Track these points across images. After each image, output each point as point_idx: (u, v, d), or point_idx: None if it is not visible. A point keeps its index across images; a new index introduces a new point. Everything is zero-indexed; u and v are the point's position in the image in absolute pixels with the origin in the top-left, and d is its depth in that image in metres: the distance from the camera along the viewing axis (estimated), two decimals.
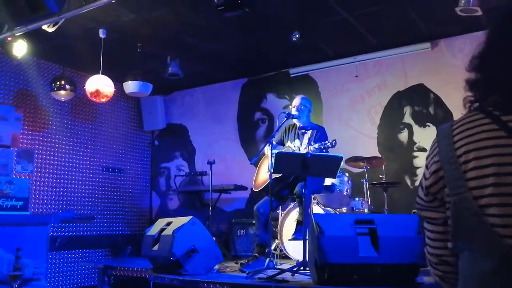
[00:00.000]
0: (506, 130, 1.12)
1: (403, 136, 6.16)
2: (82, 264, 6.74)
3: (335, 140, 4.46)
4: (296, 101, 5.09)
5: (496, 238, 1.07)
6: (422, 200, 1.33)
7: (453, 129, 1.22)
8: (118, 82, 6.30)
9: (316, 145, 4.57)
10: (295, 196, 4.78)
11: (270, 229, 4.90)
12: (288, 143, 5.08)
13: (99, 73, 5.81)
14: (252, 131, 7.42)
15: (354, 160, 5.59)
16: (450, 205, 1.19)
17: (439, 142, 1.25)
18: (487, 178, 1.11)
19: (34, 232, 4.71)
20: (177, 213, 7.42)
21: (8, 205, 4.68)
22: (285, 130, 5.18)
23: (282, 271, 3.87)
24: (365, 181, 5.50)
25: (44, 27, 4.81)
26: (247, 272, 4.14)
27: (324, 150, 4.51)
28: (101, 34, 5.55)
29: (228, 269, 4.64)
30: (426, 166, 1.31)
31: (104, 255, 7.24)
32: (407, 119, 6.16)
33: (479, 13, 4.41)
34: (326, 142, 4.50)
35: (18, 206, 4.74)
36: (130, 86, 6.23)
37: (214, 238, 4.67)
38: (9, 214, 4.65)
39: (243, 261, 4.79)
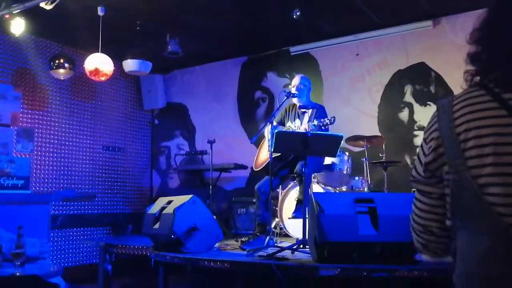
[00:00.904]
0: (507, 109, 1.11)
1: (404, 115, 6.15)
2: (83, 242, 6.80)
3: (333, 117, 4.44)
4: (296, 80, 5.06)
5: (495, 216, 1.07)
6: (419, 174, 1.31)
7: (454, 105, 1.21)
8: (117, 60, 6.25)
9: (315, 122, 4.56)
10: (295, 175, 4.79)
11: (271, 208, 4.92)
12: (289, 123, 5.07)
13: (98, 52, 5.77)
14: (252, 110, 7.40)
15: (354, 139, 5.59)
16: (450, 182, 1.18)
17: (439, 118, 1.24)
18: (486, 157, 1.11)
19: (36, 210, 4.73)
20: (177, 191, 7.45)
21: (9, 184, 4.69)
22: (286, 110, 5.16)
23: (282, 249, 3.90)
24: (365, 160, 5.50)
25: (42, 4, 4.76)
26: (247, 250, 4.17)
27: (323, 128, 4.50)
28: (100, 11, 5.49)
29: (228, 247, 4.68)
30: (425, 140, 1.29)
31: (105, 233, 7.30)
32: (408, 97, 6.14)
33: None
34: (325, 119, 4.49)
35: (19, 185, 4.76)
36: (130, 65, 6.18)
37: (214, 217, 4.69)
38: (10, 192, 4.67)
39: (243, 239, 4.83)
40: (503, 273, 1.07)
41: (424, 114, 5.95)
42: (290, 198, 5.21)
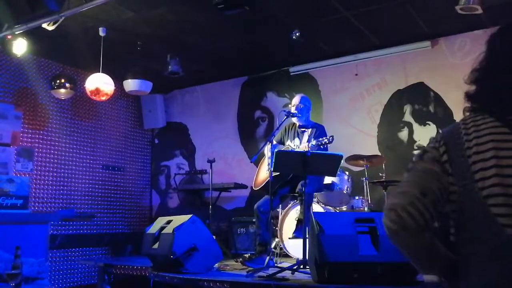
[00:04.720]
0: (509, 127, 1.20)
1: (403, 134, 6.16)
2: (82, 262, 6.74)
3: (332, 136, 4.46)
4: (295, 100, 5.09)
5: (499, 227, 1.12)
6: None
7: (460, 127, 1.29)
8: (118, 80, 6.29)
9: (314, 142, 4.58)
10: (297, 194, 4.78)
11: (271, 228, 4.90)
12: (288, 142, 5.08)
13: (99, 71, 5.81)
14: (252, 130, 7.42)
15: (354, 158, 5.59)
16: (456, 195, 1.22)
17: (446, 139, 1.30)
18: (489, 170, 1.17)
19: (34, 230, 4.70)
20: (177, 211, 7.42)
21: (8, 203, 4.67)
22: (285, 129, 5.18)
23: (282, 269, 3.87)
24: (365, 179, 5.50)
25: (44, 25, 4.80)
26: (248, 269, 4.14)
27: (322, 147, 4.51)
28: (101, 32, 5.55)
29: (228, 267, 4.65)
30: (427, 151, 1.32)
31: (104, 254, 7.25)
32: (407, 117, 6.16)
33: (479, 11, 4.41)
34: (324, 138, 4.50)
35: (18, 205, 4.74)
36: (130, 84, 6.22)
37: (214, 237, 4.67)
38: (9, 212, 4.65)
39: (247, 255, 4.80)
40: (505, 284, 1.10)
41: (424, 134, 5.96)
42: (290, 218, 5.19)
